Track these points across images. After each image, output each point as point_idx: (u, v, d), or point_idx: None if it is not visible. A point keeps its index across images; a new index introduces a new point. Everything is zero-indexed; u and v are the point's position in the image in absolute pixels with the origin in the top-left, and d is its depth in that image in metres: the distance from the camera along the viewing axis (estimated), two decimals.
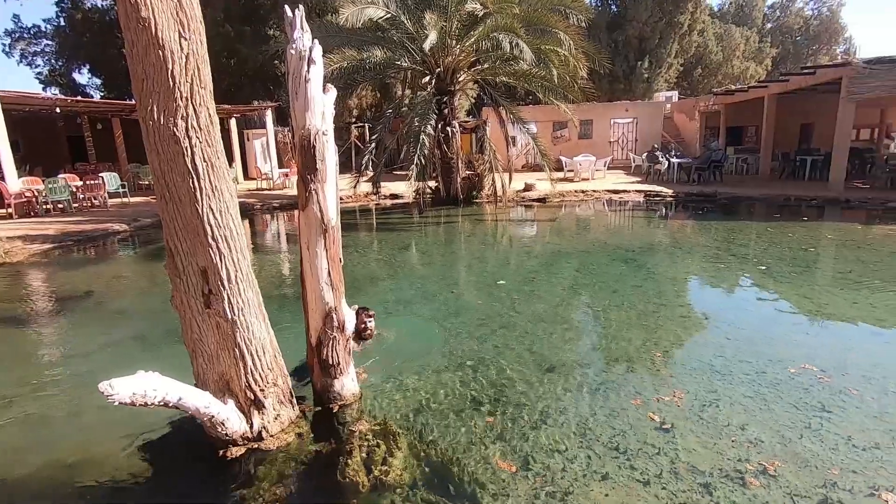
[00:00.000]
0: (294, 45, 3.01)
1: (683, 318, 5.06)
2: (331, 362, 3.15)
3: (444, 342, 4.54)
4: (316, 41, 3.08)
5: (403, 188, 11.47)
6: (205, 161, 2.47)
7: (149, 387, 2.27)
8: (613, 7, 26.77)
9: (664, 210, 12.37)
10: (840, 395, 3.40)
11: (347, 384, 3.29)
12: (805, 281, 6.25)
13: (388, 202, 14.51)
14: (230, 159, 17.29)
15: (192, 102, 2.39)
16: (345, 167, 21.18)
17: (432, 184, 13.42)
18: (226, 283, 2.60)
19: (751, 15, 35.93)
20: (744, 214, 11.43)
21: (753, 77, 30.34)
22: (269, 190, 16.43)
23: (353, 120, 23.27)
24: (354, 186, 12.83)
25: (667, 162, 15.85)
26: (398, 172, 17.79)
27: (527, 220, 11.99)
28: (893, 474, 2.59)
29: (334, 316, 3.11)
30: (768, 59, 33.80)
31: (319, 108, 2.97)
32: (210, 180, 2.49)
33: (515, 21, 10.46)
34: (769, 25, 37.37)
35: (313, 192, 2.93)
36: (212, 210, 2.52)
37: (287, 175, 16.77)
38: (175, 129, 2.38)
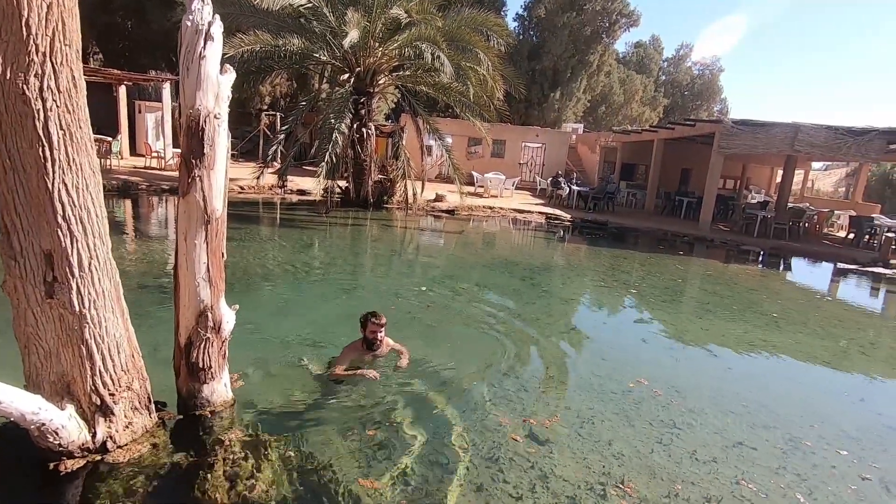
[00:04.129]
0: (191, 17, 2.73)
1: (568, 336, 5.37)
2: (201, 365, 2.87)
3: (334, 349, 4.38)
4: (217, 17, 2.82)
5: (312, 184, 11.02)
6: (62, 129, 2.14)
7: None
8: (534, 37, 28.29)
9: (562, 233, 13.20)
10: (689, 413, 3.81)
11: (219, 390, 3.02)
12: (673, 308, 6.98)
13: (295, 198, 13.87)
14: (115, 131, 15.46)
15: (51, 59, 2.06)
16: (251, 155, 19.93)
17: (343, 184, 13.07)
18: (76, 270, 2.26)
19: (649, 66, 40.00)
20: (630, 244, 12.56)
21: (648, 121, 33.71)
22: (160, 170, 14.91)
23: (265, 107, 22.00)
24: (258, 177, 12.08)
25: (568, 189, 16.98)
26: (308, 167, 17.09)
27: (435, 230, 12.12)
28: (724, 485, 2.93)
29: (210, 315, 2.85)
30: (661, 107, 37.78)
31: (213, 88, 2.72)
32: (66, 151, 2.16)
33: (438, 34, 10.61)
34: (664, 78, 41.85)
35: (197, 178, 2.67)
36: (66, 186, 2.18)
37: None
38: (25, 88, 2.03)
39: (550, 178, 18.77)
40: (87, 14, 2.20)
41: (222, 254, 2.92)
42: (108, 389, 2.48)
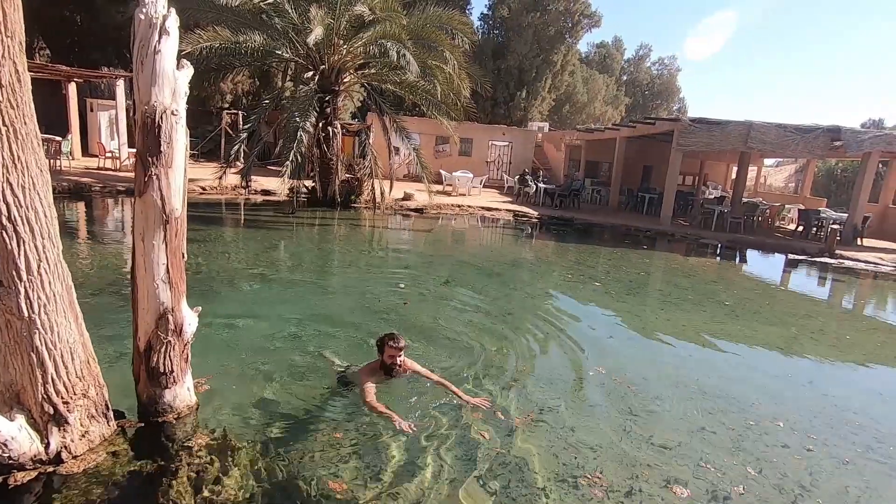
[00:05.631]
0: (144, 10, 2.65)
1: (536, 329, 5.46)
2: (162, 370, 2.79)
3: (303, 350, 4.32)
4: (172, 10, 2.74)
5: (277, 185, 10.80)
6: (5, 125, 2.04)
7: None
8: (499, 37, 28.54)
9: (530, 230, 13.40)
10: (654, 401, 3.94)
11: (181, 394, 2.93)
12: (636, 301, 7.19)
13: (260, 198, 13.57)
14: (65, 130, 14.73)
15: None
16: (213, 154, 19.35)
17: (309, 183, 12.87)
18: (24, 273, 2.16)
19: (611, 66, 41.05)
20: (595, 239, 12.86)
21: (610, 120, 34.57)
22: (115, 171, 14.30)
23: (227, 106, 21.41)
24: (220, 177, 11.74)
25: (535, 186, 17.23)
26: (273, 167, 16.74)
27: (404, 228, 12.08)
28: (683, 468, 3.05)
29: (170, 318, 2.76)
30: (623, 106, 38.83)
31: (170, 84, 2.64)
32: (10, 148, 2.06)
33: (403, 32, 10.57)
34: (625, 77, 43.05)
35: (154, 177, 2.59)
36: (10, 185, 2.08)
37: None
38: None
39: (517, 176, 18.99)
40: (32, 6, 2.10)
41: (183, 254, 2.84)
42: (62, 397, 2.38)
